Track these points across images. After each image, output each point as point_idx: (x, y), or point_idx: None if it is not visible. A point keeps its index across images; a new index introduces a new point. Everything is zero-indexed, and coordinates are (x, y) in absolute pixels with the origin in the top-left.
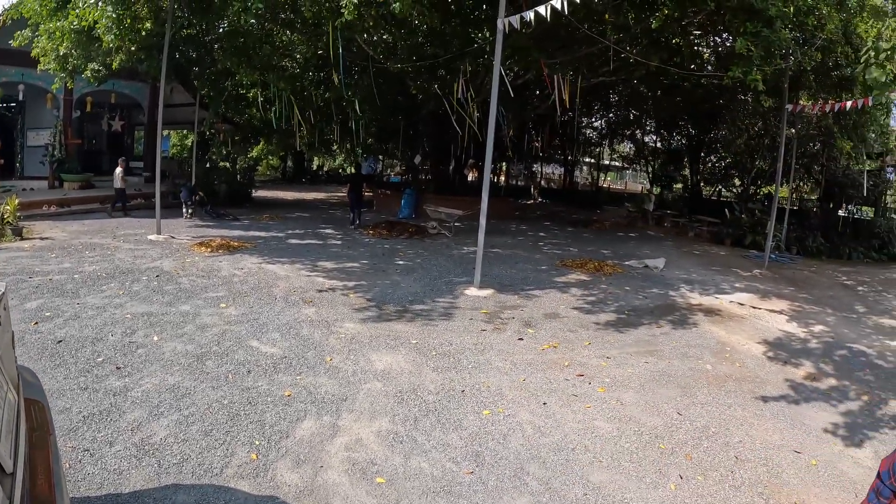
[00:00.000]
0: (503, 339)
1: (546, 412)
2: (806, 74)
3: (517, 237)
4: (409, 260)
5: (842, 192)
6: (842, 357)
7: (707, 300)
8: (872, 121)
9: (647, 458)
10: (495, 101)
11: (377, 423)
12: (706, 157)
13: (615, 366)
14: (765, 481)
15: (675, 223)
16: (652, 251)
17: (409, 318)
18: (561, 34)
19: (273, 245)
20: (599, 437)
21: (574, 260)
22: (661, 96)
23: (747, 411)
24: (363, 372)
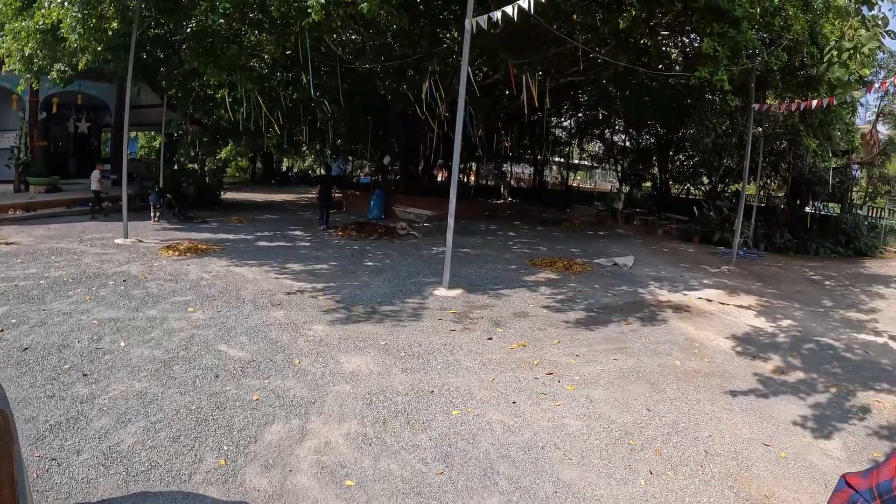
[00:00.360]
0: (472, 339)
1: (515, 411)
2: (772, 74)
3: (487, 237)
4: (378, 261)
5: (808, 189)
6: (810, 350)
7: (676, 297)
8: (838, 119)
9: (616, 454)
10: (463, 101)
11: (346, 425)
12: (675, 155)
13: (584, 363)
14: (735, 475)
15: (645, 221)
16: (621, 249)
17: (378, 319)
18: (529, 34)
19: (241, 247)
20: (569, 435)
21: (543, 259)
22: (629, 96)
23: (716, 406)
24: (332, 374)
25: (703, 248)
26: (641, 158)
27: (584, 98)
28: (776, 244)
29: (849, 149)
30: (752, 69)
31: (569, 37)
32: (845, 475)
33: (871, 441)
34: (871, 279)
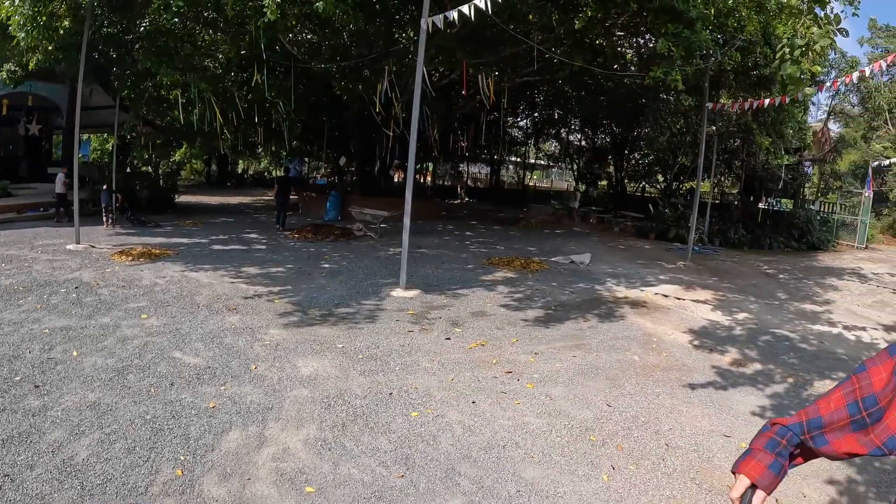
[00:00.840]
0: (430, 340)
1: (475, 411)
2: (726, 74)
3: (444, 237)
4: (334, 263)
5: (761, 186)
6: (766, 342)
7: (633, 293)
8: (790, 118)
9: (578, 450)
10: (418, 101)
11: (304, 430)
12: (630, 154)
13: (543, 361)
14: (696, 467)
15: (601, 219)
16: (578, 247)
17: (335, 321)
18: (485, 34)
19: (196, 252)
20: (530, 433)
21: (501, 258)
22: (585, 96)
23: (676, 399)
24: (289, 379)
25: (658, 244)
26: (597, 157)
27: (540, 98)
28: (731, 240)
29: (801, 146)
30: (706, 69)
31: (525, 37)
32: (770, 420)
33: None
34: (824, 272)
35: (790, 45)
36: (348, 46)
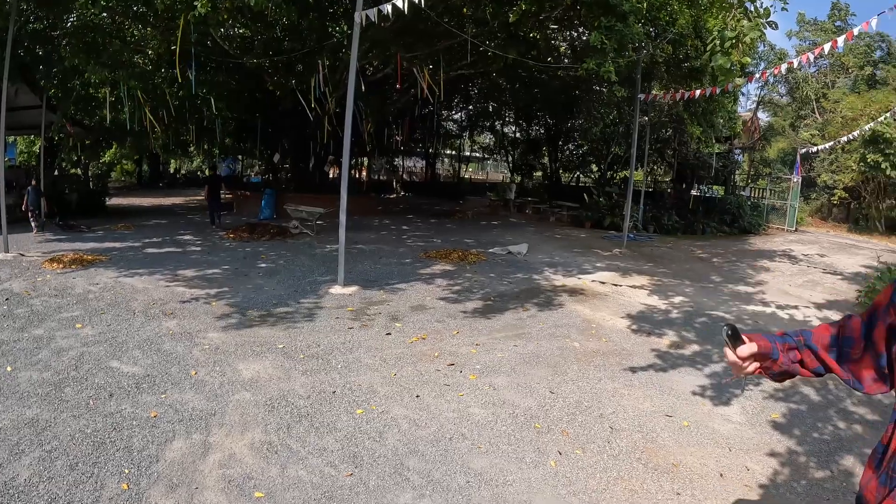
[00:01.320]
0: (371, 336)
1: (420, 405)
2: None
3: (381, 232)
4: (271, 262)
5: (693, 174)
6: (702, 324)
7: (570, 281)
8: (720, 108)
9: (524, 438)
10: (352, 96)
11: (249, 434)
12: (564, 145)
13: (485, 352)
14: (641, 447)
15: (537, 209)
16: (515, 237)
17: (274, 321)
18: (419, 28)
19: (130, 256)
20: (476, 424)
21: (438, 251)
22: (519, 88)
23: (617, 383)
24: (230, 383)
25: (594, 232)
26: (532, 149)
27: (474, 91)
28: (665, 226)
29: (731, 135)
30: (639, 61)
31: (459, 30)
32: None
33: (768, 404)
34: (756, 255)
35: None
36: (281, 40)
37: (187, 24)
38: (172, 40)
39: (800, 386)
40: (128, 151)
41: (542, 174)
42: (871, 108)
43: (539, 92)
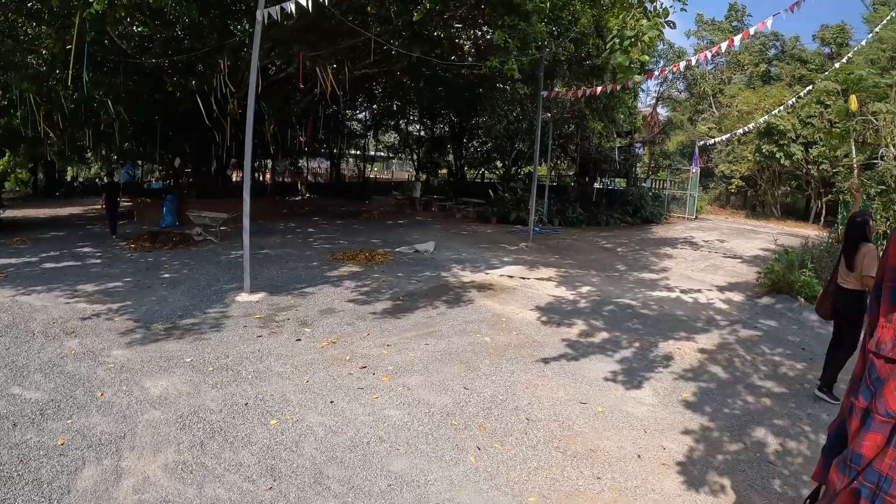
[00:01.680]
0: (281, 343)
1: (335, 410)
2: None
3: (286, 235)
4: (175, 272)
5: (596, 167)
6: (610, 312)
7: (479, 276)
8: (621, 104)
9: (442, 436)
10: (253, 96)
11: (162, 455)
12: (469, 142)
13: (397, 352)
14: (559, 436)
15: (443, 207)
16: (421, 236)
17: (181, 334)
18: (323, 26)
19: (26, 272)
20: (392, 426)
21: (345, 252)
22: (423, 87)
23: (531, 375)
24: (139, 402)
25: (500, 228)
26: (437, 147)
27: (379, 90)
28: (569, 219)
29: (632, 129)
30: (542, 59)
31: (363, 29)
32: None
33: (678, 384)
34: (658, 243)
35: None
36: (181, 39)
37: (83, 22)
38: (68, 39)
39: (708, 365)
40: (22, 159)
41: (447, 172)
42: (766, 103)
43: (443, 90)
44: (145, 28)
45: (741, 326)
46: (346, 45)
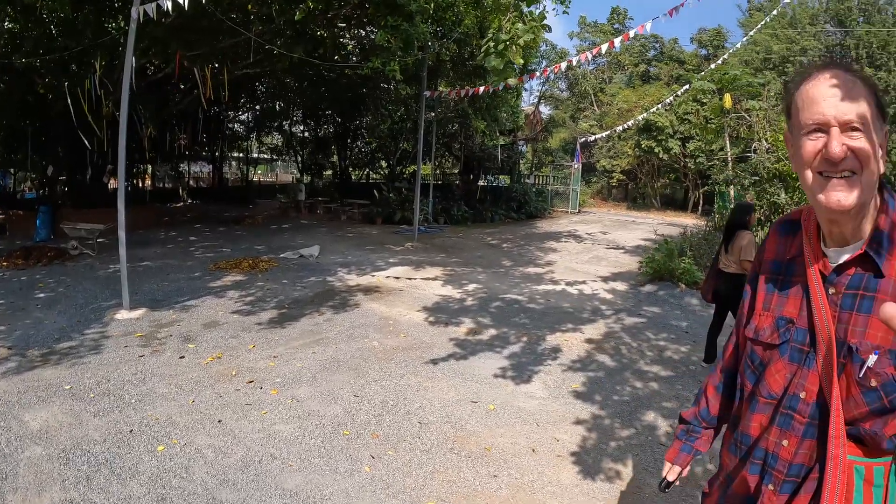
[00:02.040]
0: (164, 362)
1: (223, 430)
2: (444, 64)
3: (167, 245)
4: (50, 290)
5: (480, 165)
6: (497, 308)
7: (365, 279)
8: (503, 103)
9: (335, 448)
10: (126, 98)
11: (48, 495)
12: (353, 143)
13: (284, 363)
14: (452, 437)
15: (328, 209)
16: (306, 240)
17: (59, 359)
18: (203, 24)
19: None
20: (283, 441)
21: (228, 261)
22: (307, 87)
23: (420, 377)
24: (18, 439)
25: (386, 228)
26: (321, 147)
27: (261, 90)
28: (454, 217)
29: (514, 128)
30: (425, 59)
31: (244, 27)
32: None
33: (567, 375)
34: (543, 237)
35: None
36: (54, 37)
37: None
38: None
39: (595, 355)
40: None
41: (332, 173)
42: (645, 101)
43: (327, 90)
44: (15, 25)
45: (626, 314)
46: (227, 45)
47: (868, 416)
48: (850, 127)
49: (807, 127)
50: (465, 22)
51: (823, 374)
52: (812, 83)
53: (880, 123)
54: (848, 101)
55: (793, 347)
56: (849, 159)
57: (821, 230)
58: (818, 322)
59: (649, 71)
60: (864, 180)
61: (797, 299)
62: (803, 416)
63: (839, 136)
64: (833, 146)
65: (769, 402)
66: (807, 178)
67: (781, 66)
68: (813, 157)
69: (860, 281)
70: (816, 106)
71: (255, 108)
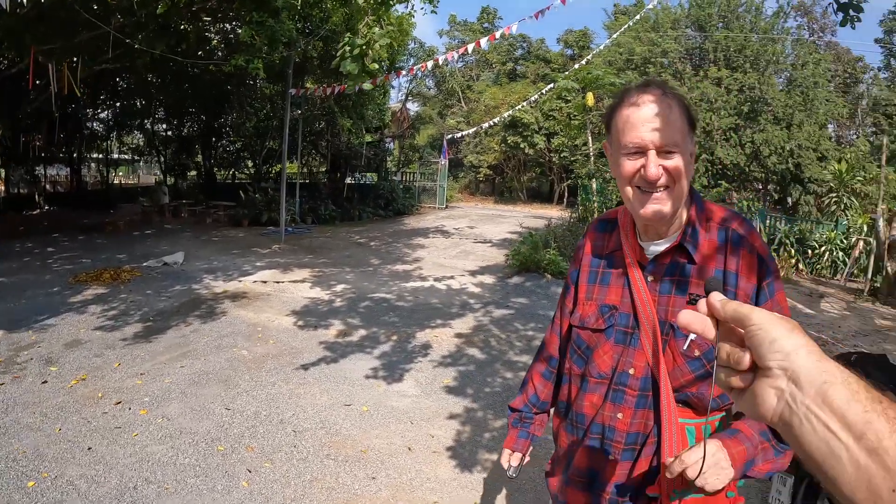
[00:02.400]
0: (26, 389)
1: (94, 458)
2: (311, 61)
3: (23, 258)
4: None
5: (347, 163)
6: (366, 308)
7: (231, 285)
8: (370, 100)
9: (211, 465)
10: None
11: None
12: (218, 142)
13: (152, 380)
14: (328, 443)
15: (193, 212)
16: (170, 246)
17: None
18: (60, 16)
19: None
20: (158, 464)
21: (89, 273)
22: (170, 83)
23: (292, 384)
24: None
25: (253, 230)
26: (185, 147)
27: (122, 86)
28: (322, 216)
29: (381, 125)
30: (291, 57)
31: (104, 20)
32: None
33: (439, 371)
34: (411, 234)
35: (350, 44)
36: None
37: None
38: None
39: (465, 349)
40: None
41: (196, 174)
42: (511, 98)
43: (191, 87)
44: None
45: (494, 307)
46: (86, 38)
47: (694, 381)
48: (666, 150)
49: (626, 148)
50: (332, 19)
51: (650, 350)
52: (632, 108)
53: (691, 137)
54: (664, 125)
55: (618, 330)
56: (664, 178)
57: (636, 227)
58: (640, 306)
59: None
60: (677, 193)
61: (618, 288)
62: (634, 390)
63: (656, 158)
64: (650, 168)
65: (600, 381)
66: (627, 192)
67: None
68: (632, 175)
69: (675, 268)
70: (635, 130)
71: (115, 106)
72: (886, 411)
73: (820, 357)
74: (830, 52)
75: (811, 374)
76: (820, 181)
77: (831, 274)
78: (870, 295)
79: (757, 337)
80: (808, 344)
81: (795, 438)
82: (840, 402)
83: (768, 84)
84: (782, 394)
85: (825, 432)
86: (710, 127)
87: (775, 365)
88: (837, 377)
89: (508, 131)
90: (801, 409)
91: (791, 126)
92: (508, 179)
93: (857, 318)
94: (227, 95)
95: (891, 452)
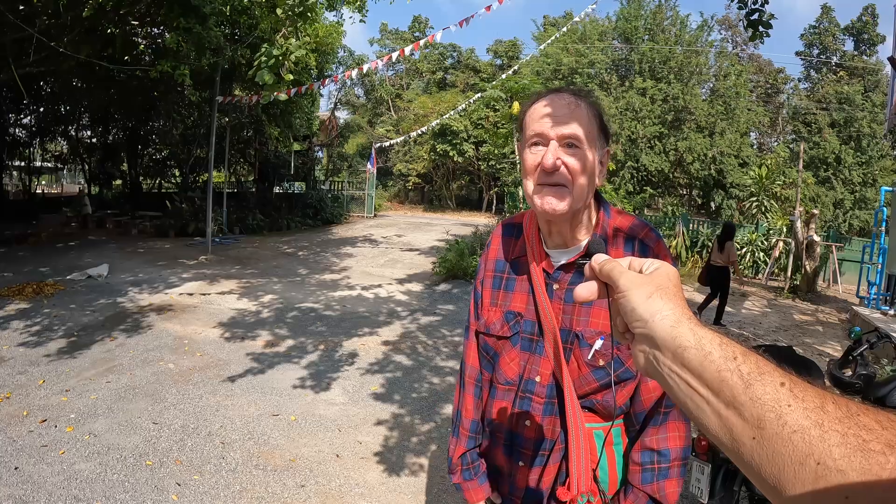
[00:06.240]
0: None
1: (22, 478)
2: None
3: None
4: None
5: (275, 172)
6: (294, 318)
7: (157, 298)
8: (298, 109)
9: (139, 480)
10: None
11: None
12: (144, 150)
13: (77, 397)
14: (256, 453)
15: (118, 223)
16: (95, 258)
17: None
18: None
19: None
20: (86, 481)
21: (11, 287)
22: (95, 88)
23: (219, 396)
24: None
25: (179, 241)
26: (110, 155)
27: (46, 90)
28: (250, 226)
29: (310, 134)
30: (218, 63)
31: (28, 21)
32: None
33: (366, 378)
34: (339, 243)
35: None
36: None
37: None
38: None
39: (392, 356)
40: None
41: (121, 183)
42: (441, 106)
43: (116, 93)
44: None
45: (421, 314)
46: (9, 41)
47: (598, 389)
48: (567, 143)
49: (530, 139)
50: (261, 26)
51: (554, 359)
52: (541, 103)
53: (601, 143)
54: (568, 118)
55: (523, 338)
56: (561, 173)
57: (541, 233)
58: (542, 314)
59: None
60: (576, 191)
61: (523, 294)
62: (541, 398)
63: (556, 149)
64: (547, 157)
65: (507, 388)
66: (527, 186)
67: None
68: (534, 168)
69: (580, 278)
70: (540, 122)
71: (38, 111)
72: (740, 368)
73: (675, 322)
74: (753, 63)
75: (666, 340)
76: (741, 186)
77: (753, 274)
78: (789, 292)
79: (621, 305)
80: (663, 309)
81: (668, 391)
82: (695, 364)
83: (692, 94)
84: (647, 355)
85: (688, 389)
86: (635, 135)
87: (637, 332)
88: (690, 341)
89: (438, 139)
90: (664, 369)
91: (714, 134)
92: (437, 188)
93: (777, 315)
94: (153, 102)
95: (747, 406)
